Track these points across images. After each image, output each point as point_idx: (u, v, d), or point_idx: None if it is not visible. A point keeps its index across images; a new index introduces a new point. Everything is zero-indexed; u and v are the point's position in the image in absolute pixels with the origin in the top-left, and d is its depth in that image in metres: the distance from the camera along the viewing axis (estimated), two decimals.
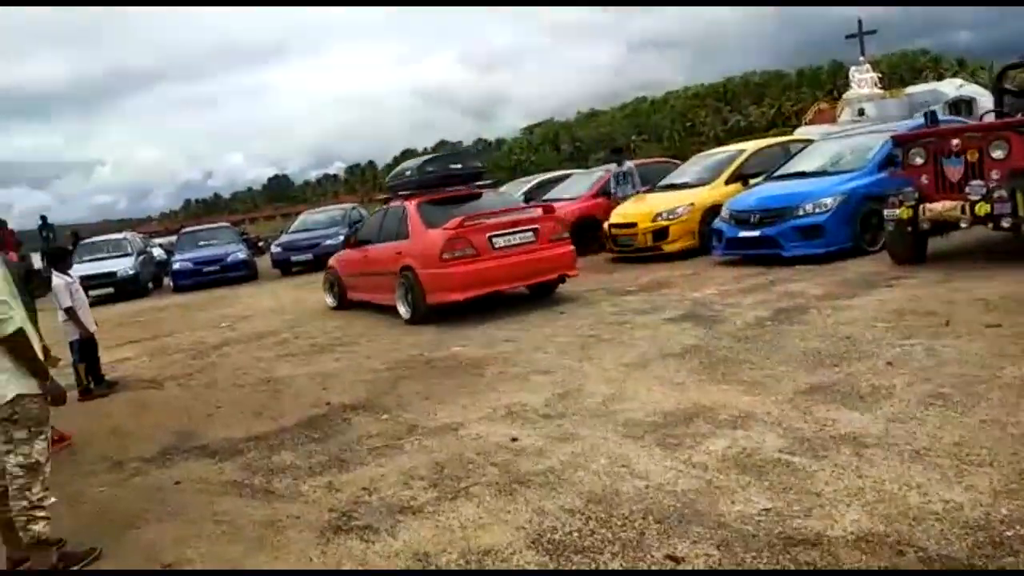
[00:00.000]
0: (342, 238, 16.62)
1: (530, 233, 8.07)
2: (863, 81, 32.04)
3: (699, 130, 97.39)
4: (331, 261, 10.55)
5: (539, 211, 8.65)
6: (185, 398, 6.30)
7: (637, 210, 10.68)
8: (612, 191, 11.97)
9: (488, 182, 9.70)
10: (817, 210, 8.22)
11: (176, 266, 16.22)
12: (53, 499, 3.62)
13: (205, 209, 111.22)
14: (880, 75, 34.11)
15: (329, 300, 10.22)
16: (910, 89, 31.35)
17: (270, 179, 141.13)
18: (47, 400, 3.25)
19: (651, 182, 12.03)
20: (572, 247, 8.46)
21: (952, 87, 27.24)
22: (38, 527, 3.16)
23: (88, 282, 16.06)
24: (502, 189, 16.23)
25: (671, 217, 10.19)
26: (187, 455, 4.72)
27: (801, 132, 20.61)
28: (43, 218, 24.97)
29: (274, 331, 9.03)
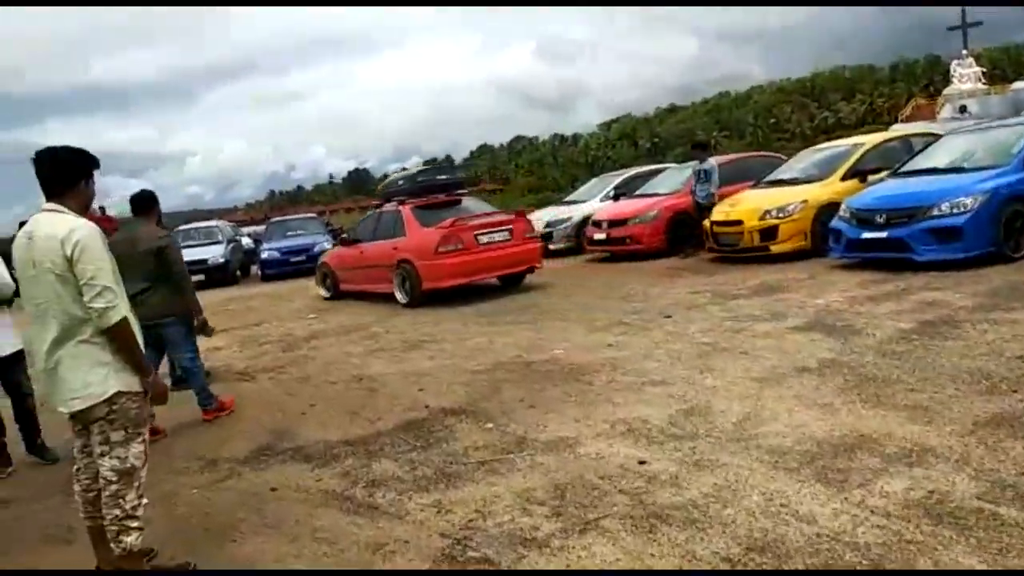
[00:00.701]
0: None
1: (507, 232, 9.70)
2: (965, 76, 30.03)
3: (783, 127, 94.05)
4: (323, 258, 12.23)
5: (512, 214, 10.35)
6: (277, 393, 6.09)
7: (743, 207, 9.99)
8: (692, 190, 11.27)
9: (466, 190, 11.26)
10: (955, 210, 7.39)
11: (265, 255, 16.40)
12: (145, 500, 3.41)
13: (288, 200, 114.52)
14: (983, 70, 31.93)
15: (323, 291, 11.79)
16: (1016, 85, 29.20)
17: (350, 172, 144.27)
18: (147, 398, 2.99)
19: (751, 177, 11.32)
20: (539, 243, 10.47)
21: None
22: (130, 539, 2.89)
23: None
24: (595, 180, 15.86)
25: (781, 215, 9.47)
26: (282, 457, 4.46)
27: (897, 129, 19.31)
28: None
29: (362, 325, 8.82)
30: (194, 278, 16.06)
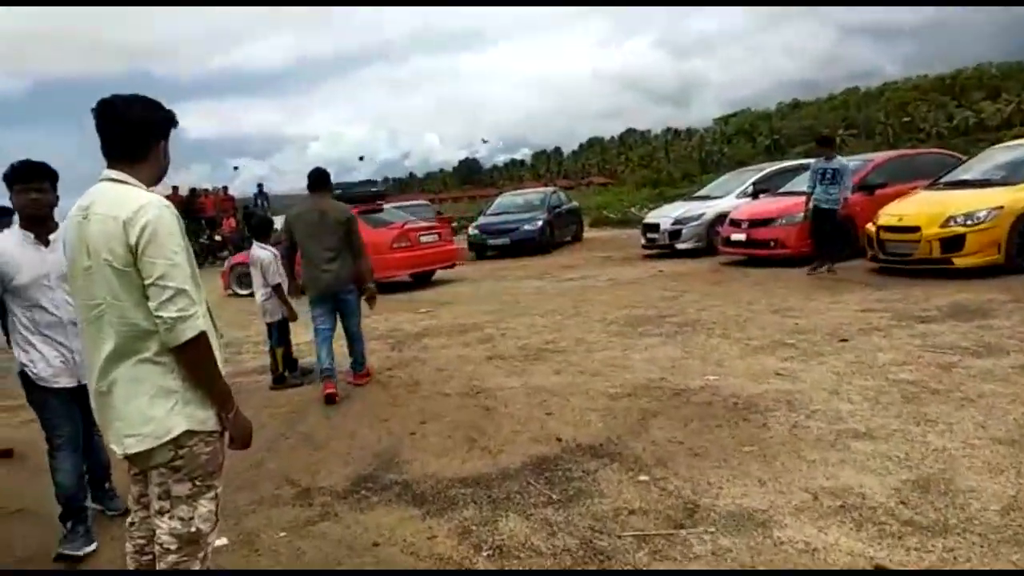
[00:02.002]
0: (541, 223, 15.78)
1: (437, 235, 12.54)
2: None
3: (918, 126, 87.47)
4: (236, 259, 13.32)
5: (438, 221, 13.41)
6: (384, 402, 5.36)
7: (919, 212, 8.53)
8: (810, 189, 9.69)
9: (381, 204, 12.89)
10: None
11: None
12: (224, 540, 2.68)
13: (399, 187, 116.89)
14: None
15: (240, 290, 12.46)
16: None
17: (460, 161, 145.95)
18: (225, 440, 2.23)
19: (920, 177, 9.78)
20: (457, 246, 13.81)
21: None
22: None
23: None
24: (729, 175, 14.50)
25: (969, 223, 7.97)
26: (387, 494, 3.68)
27: None
28: (259, 186, 26.37)
29: (477, 324, 8.04)
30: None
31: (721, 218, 12.33)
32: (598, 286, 10.24)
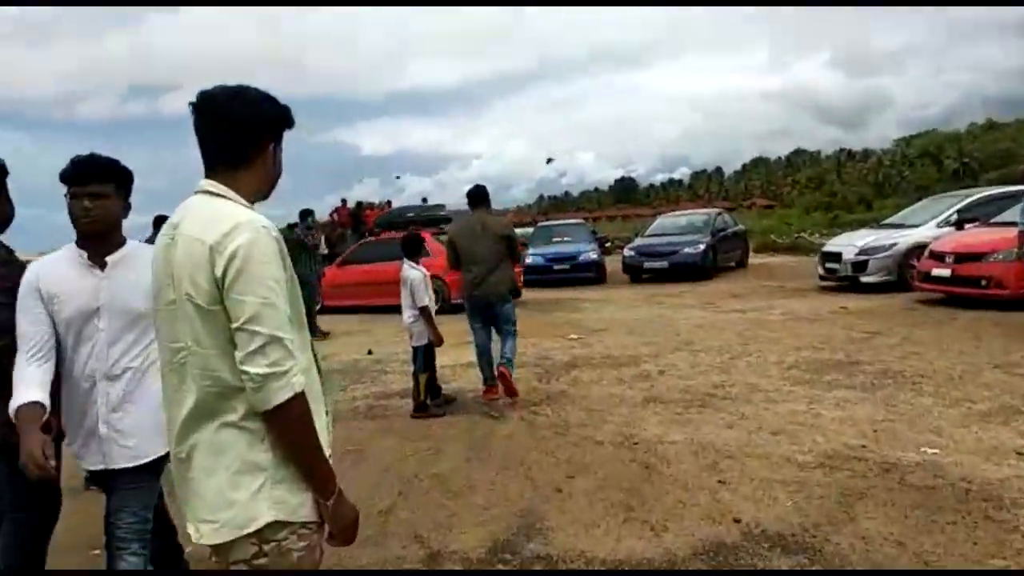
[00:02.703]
0: (703, 247, 14.76)
1: None
2: None
3: None
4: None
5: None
6: (529, 445, 4.80)
7: None
8: (1022, 223, 8.08)
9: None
10: None
11: (528, 260, 15.59)
12: None
13: (554, 205, 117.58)
14: None
15: None
16: None
17: (617, 180, 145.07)
18: (324, 534, 1.73)
19: None
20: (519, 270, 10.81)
21: None
22: None
23: None
24: (925, 202, 12.75)
25: None
26: (527, 570, 3.09)
27: None
28: (424, 200, 26.98)
29: (632, 357, 7.34)
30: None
31: (916, 250, 10.83)
32: (770, 320, 9.19)
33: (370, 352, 8.51)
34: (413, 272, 5.73)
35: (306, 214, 11.41)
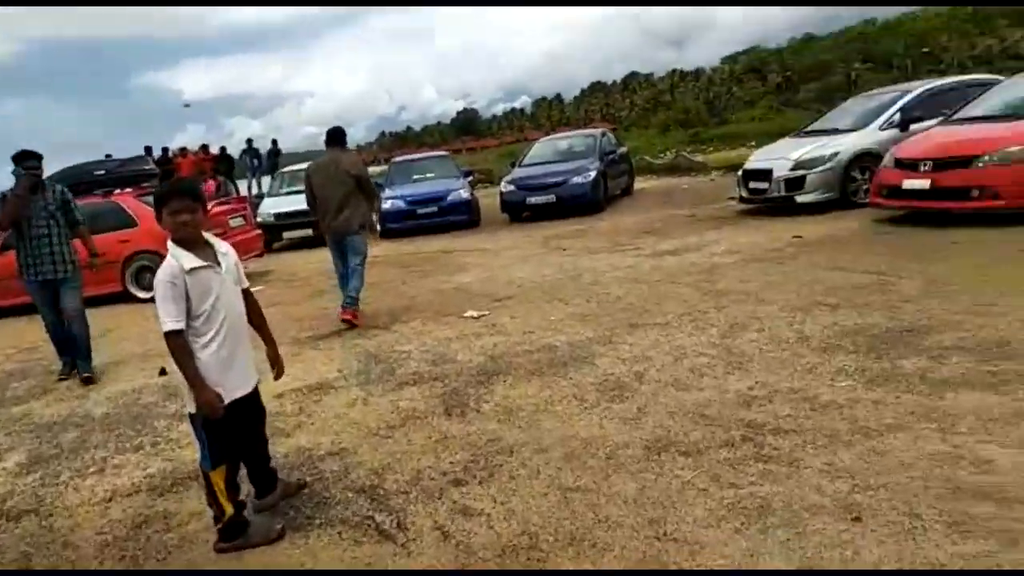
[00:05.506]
0: (593, 175, 12.46)
1: (242, 217, 10.49)
2: None
3: (939, 56, 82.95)
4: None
5: (236, 201, 11.72)
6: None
7: None
8: None
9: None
10: None
11: (386, 204, 12.53)
12: None
13: (397, 141, 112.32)
14: None
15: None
16: None
17: (459, 112, 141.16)
18: None
19: None
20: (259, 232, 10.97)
21: None
22: None
23: (287, 221, 13.16)
24: (852, 101, 10.88)
25: None
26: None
27: None
28: (248, 141, 22.97)
29: (575, 346, 4.84)
30: (301, 233, 12.99)
31: (860, 159, 9.07)
32: (724, 264, 6.98)
33: (163, 372, 5.42)
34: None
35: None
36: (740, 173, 10.38)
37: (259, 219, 12.43)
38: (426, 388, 4.42)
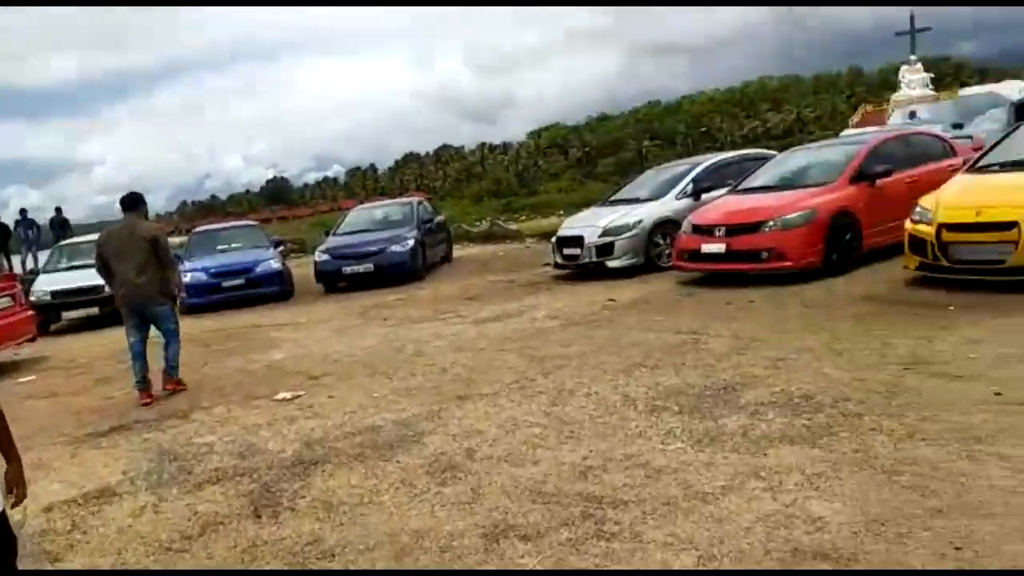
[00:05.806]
0: (412, 243, 12.30)
1: (10, 297, 8.49)
2: (914, 82, 28.45)
3: (715, 136, 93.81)
4: None
5: (7, 278, 9.37)
6: None
7: (1003, 199, 6.19)
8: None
9: None
10: None
11: (187, 278, 11.36)
12: None
13: (201, 211, 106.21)
14: (931, 75, 30.49)
15: None
16: (965, 91, 27.35)
17: (268, 181, 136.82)
18: None
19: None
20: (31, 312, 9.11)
21: (1015, 89, 22.08)
22: None
23: (67, 299, 11.57)
24: (650, 173, 11.66)
25: None
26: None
27: (845, 135, 16.06)
28: (57, 210, 20.23)
29: (401, 426, 4.52)
30: (85, 312, 11.47)
31: (661, 226, 9.67)
32: (546, 329, 7.01)
33: None
34: None
35: None
36: (554, 240, 10.70)
37: (32, 298, 10.84)
38: (230, 486, 3.88)
